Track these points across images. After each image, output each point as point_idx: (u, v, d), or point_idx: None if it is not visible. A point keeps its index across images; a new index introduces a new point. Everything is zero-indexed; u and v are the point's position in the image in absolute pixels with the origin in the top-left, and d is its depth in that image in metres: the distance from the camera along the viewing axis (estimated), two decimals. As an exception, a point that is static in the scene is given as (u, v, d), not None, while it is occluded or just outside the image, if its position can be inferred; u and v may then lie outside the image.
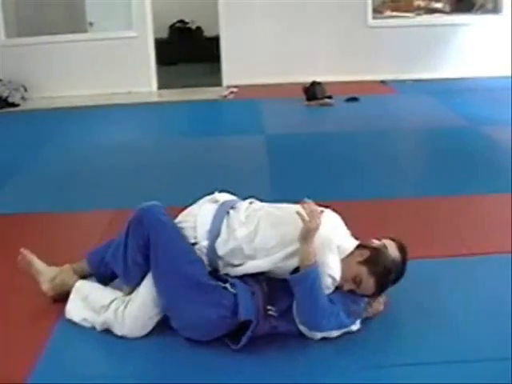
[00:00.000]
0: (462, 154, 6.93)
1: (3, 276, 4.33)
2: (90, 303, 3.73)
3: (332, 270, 3.41)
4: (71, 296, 3.82)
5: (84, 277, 3.95)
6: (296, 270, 3.39)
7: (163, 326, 3.60)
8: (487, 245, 4.68)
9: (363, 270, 3.46)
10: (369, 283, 3.47)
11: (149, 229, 3.56)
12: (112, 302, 3.65)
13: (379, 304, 3.66)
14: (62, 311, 3.81)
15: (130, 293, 3.67)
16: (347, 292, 3.50)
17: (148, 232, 3.56)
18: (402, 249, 3.68)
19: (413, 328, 3.64)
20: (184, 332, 3.53)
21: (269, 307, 3.48)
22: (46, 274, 3.96)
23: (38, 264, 3.99)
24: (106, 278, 3.90)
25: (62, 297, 3.87)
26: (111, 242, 3.86)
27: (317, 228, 3.37)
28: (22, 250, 4.02)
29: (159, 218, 3.62)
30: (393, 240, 3.73)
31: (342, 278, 3.44)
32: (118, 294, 3.73)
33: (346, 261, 3.48)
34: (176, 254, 3.54)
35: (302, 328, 3.45)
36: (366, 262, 3.47)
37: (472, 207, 5.44)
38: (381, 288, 3.53)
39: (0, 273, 4.38)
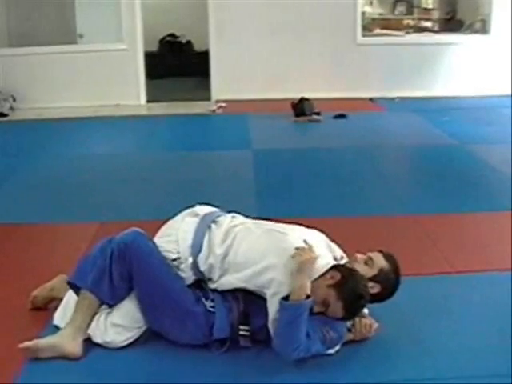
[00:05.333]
0: (449, 172, 6.95)
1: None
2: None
3: None
4: (63, 302, 3.80)
5: None
6: (287, 296, 3.31)
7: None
8: (473, 263, 4.69)
9: (332, 294, 3.36)
10: (337, 307, 3.37)
11: (131, 264, 3.51)
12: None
13: (367, 330, 3.60)
14: (47, 321, 3.81)
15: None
16: (327, 317, 3.43)
17: (131, 267, 3.51)
18: (390, 258, 3.69)
19: (401, 345, 3.64)
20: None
21: (241, 327, 3.52)
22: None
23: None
24: None
25: (49, 304, 3.94)
26: (85, 262, 3.71)
27: (310, 260, 3.31)
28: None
29: (141, 251, 3.54)
30: (380, 252, 3.73)
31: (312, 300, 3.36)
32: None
33: (316, 283, 3.38)
34: (162, 283, 3.53)
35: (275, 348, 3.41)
36: (335, 286, 3.36)
37: (457, 225, 5.44)
38: (350, 312, 3.42)
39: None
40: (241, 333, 3.52)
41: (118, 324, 3.55)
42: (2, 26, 11.08)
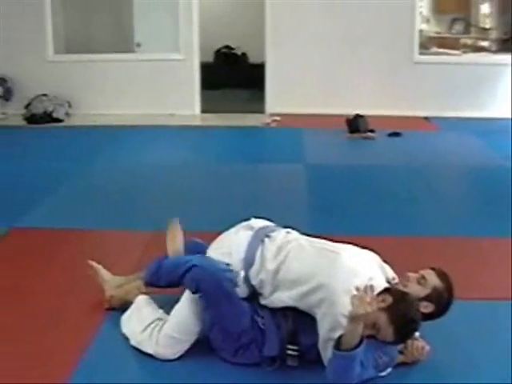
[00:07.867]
0: (502, 194, 6.84)
1: (44, 287, 4.46)
2: (139, 317, 3.75)
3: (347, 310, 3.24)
4: (131, 307, 3.88)
5: None
6: (339, 338, 3.23)
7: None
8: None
9: (383, 318, 3.26)
10: (388, 331, 3.27)
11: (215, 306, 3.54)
12: (150, 324, 3.67)
13: (419, 353, 3.56)
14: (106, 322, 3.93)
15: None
16: (379, 342, 3.35)
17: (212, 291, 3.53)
18: (443, 277, 3.62)
19: (454, 369, 3.60)
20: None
21: (289, 346, 3.48)
22: (111, 282, 4.12)
23: (104, 273, 4.17)
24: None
25: (124, 305, 3.99)
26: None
27: (364, 314, 3.15)
28: (89, 261, 4.21)
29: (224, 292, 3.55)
30: (433, 269, 3.66)
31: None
32: (160, 313, 3.77)
33: None
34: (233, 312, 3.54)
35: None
36: (386, 310, 3.27)
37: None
38: (401, 337, 3.34)
39: (42, 284, 4.50)
40: (288, 352, 3.49)
41: (171, 336, 3.56)
42: (60, 32, 11.22)
